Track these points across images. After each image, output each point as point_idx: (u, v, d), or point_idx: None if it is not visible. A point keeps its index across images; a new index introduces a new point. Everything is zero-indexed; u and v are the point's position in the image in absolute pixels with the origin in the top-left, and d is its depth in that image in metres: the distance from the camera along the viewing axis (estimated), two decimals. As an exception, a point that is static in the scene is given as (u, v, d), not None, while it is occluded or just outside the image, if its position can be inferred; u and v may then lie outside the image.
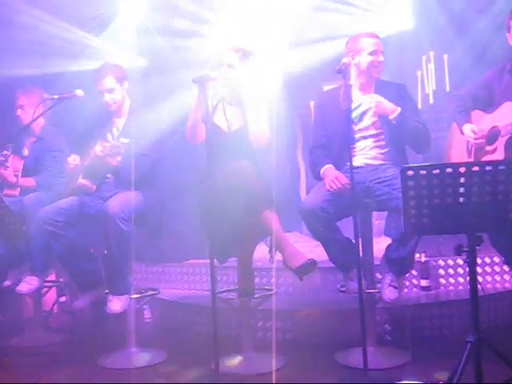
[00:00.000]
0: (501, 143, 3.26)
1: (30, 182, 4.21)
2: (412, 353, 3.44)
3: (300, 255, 3.06)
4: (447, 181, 2.45)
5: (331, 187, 3.22)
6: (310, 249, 3.91)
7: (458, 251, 2.57)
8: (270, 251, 3.27)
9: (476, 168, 2.43)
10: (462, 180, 2.44)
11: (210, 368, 3.30)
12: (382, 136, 3.41)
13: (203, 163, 3.62)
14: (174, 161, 4.95)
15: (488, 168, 2.43)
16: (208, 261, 4.64)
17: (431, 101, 5.25)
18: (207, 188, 3.26)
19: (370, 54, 3.39)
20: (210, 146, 3.33)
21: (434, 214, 2.50)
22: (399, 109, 3.29)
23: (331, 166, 3.35)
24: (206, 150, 3.39)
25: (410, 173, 2.46)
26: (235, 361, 3.42)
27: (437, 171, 2.45)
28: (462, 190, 2.45)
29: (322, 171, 3.36)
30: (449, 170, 2.44)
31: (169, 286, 4.92)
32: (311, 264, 3.03)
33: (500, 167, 2.43)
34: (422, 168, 2.47)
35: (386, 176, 3.24)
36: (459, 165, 2.46)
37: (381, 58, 3.41)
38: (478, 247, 2.57)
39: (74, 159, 3.66)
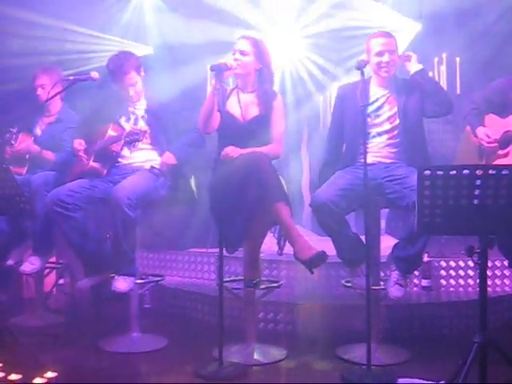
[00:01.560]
0: (513, 148, 3.29)
1: (49, 155, 4.16)
2: (411, 351, 3.47)
3: (310, 247, 3.07)
4: (463, 182, 2.46)
5: None
6: (312, 243, 3.91)
7: (470, 253, 2.59)
8: (279, 243, 3.28)
9: (492, 171, 2.45)
10: (478, 182, 2.45)
11: (212, 356, 3.33)
12: (396, 132, 3.41)
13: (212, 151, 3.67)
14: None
15: (505, 172, 2.44)
16: (212, 250, 4.74)
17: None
18: (219, 177, 3.28)
19: (376, 54, 3.38)
20: (221, 136, 3.36)
21: (448, 214, 2.52)
22: (421, 66, 3.37)
23: None
24: (218, 139, 3.43)
25: (427, 172, 2.47)
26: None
27: (453, 172, 2.46)
28: (477, 192, 2.47)
29: None
30: (466, 171, 2.46)
31: (170, 274, 4.93)
32: (321, 256, 3.03)
33: (517, 172, 2.44)
34: (439, 168, 2.48)
35: (397, 174, 3.26)
36: (476, 167, 2.48)
37: (385, 59, 3.36)
38: (489, 250, 2.60)
39: (79, 143, 3.66)
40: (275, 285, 3.53)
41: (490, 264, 4.22)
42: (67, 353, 3.54)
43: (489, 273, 4.23)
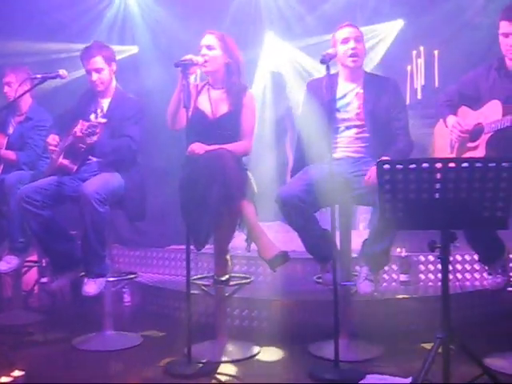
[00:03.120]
0: (483, 141, 3.25)
1: (10, 155, 4.21)
2: (386, 346, 3.45)
3: (273, 247, 3.06)
4: (423, 176, 2.43)
5: None
6: (290, 239, 3.89)
7: (431, 248, 2.56)
8: (247, 240, 3.26)
9: (452, 164, 2.42)
10: (439, 176, 2.42)
11: (183, 354, 3.31)
12: (365, 128, 3.40)
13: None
14: (159, 145, 4.97)
15: (464, 165, 2.41)
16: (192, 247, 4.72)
17: (419, 96, 5.24)
18: (186, 174, 3.26)
19: (342, 42, 3.39)
20: (191, 132, 3.34)
21: (409, 208, 2.49)
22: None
23: None
24: (186, 136, 3.41)
25: (387, 167, 2.45)
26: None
27: (413, 166, 2.43)
28: (437, 185, 2.44)
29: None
30: (425, 165, 2.43)
31: (150, 271, 4.93)
32: (283, 256, 3.04)
33: (477, 164, 2.41)
34: (398, 162, 2.46)
35: (365, 169, 3.22)
36: (436, 160, 2.45)
37: (351, 45, 3.37)
38: (452, 244, 2.57)
39: (53, 139, 3.65)
40: (246, 281, 3.50)
41: (468, 258, 4.21)
42: (39, 352, 3.54)
43: (467, 267, 4.22)
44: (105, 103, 3.75)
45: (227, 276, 3.43)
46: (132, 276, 3.86)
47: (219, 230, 3.35)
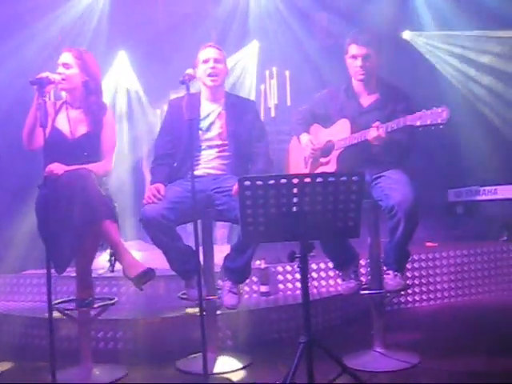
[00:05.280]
0: (334, 156, 3.49)
1: None
2: (252, 356, 3.56)
3: (138, 264, 3.06)
4: (282, 191, 2.58)
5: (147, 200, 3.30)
6: (153, 257, 3.88)
7: (291, 258, 2.70)
8: (110, 260, 3.22)
9: (308, 179, 2.59)
10: (295, 190, 2.58)
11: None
12: (227, 147, 3.51)
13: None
14: (12, 166, 4.76)
15: (319, 179, 2.59)
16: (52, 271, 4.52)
17: (273, 114, 5.50)
18: (44, 195, 3.16)
19: (203, 62, 3.50)
20: (48, 152, 3.24)
21: (270, 222, 2.62)
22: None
23: (161, 184, 3.39)
24: (44, 156, 3.30)
25: (247, 183, 2.56)
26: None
27: (272, 182, 2.57)
28: (295, 199, 2.59)
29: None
30: (283, 180, 2.57)
31: (4, 298, 4.64)
32: (149, 273, 3.04)
33: (329, 179, 2.60)
34: (258, 178, 2.58)
35: (225, 186, 3.32)
36: (293, 176, 2.60)
37: (210, 64, 3.48)
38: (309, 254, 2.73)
39: None
40: (109, 302, 3.45)
41: (323, 266, 4.46)
42: None
43: (323, 274, 4.48)
44: None
45: (90, 298, 3.35)
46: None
47: (81, 252, 3.27)
